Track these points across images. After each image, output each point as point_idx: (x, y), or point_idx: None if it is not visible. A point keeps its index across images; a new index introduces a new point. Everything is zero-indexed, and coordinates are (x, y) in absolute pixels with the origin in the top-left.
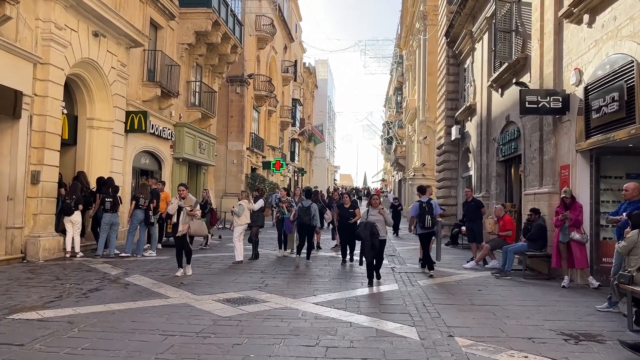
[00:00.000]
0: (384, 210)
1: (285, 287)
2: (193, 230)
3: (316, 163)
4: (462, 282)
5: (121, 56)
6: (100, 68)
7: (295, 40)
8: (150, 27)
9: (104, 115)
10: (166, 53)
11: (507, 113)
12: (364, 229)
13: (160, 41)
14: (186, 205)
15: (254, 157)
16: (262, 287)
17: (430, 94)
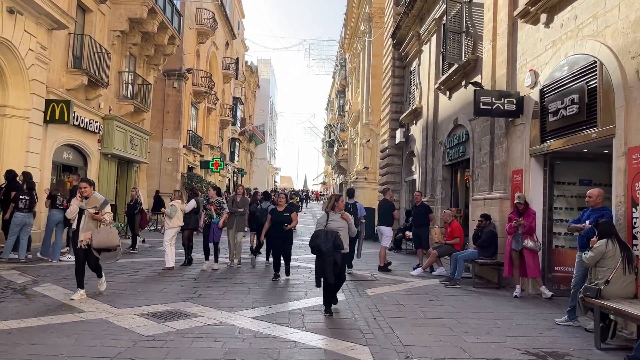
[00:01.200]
0: (347, 215)
1: (220, 297)
2: (97, 241)
3: (257, 164)
4: (412, 291)
5: (41, 38)
6: (15, 49)
7: (238, 38)
8: (77, 9)
9: (19, 103)
10: (95, 39)
11: (456, 116)
12: (325, 239)
13: (89, 26)
14: (89, 206)
15: (191, 156)
16: (194, 298)
17: (374, 97)
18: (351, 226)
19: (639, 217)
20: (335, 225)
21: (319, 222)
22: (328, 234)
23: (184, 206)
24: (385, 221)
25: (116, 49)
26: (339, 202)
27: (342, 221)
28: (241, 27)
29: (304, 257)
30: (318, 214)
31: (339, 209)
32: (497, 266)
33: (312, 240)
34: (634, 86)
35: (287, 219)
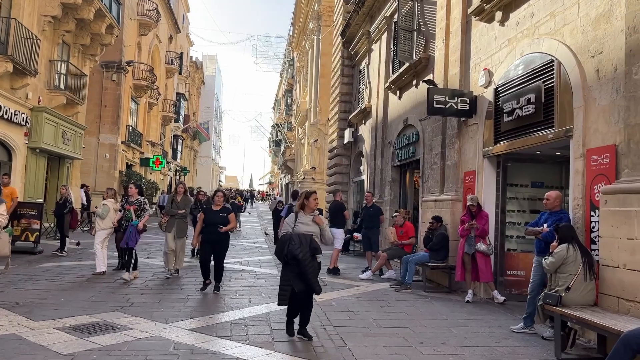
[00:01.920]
0: (321, 218)
1: (156, 306)
2: None
3: (201, 163)
4: (362, 296)
5: None
6: None
7: (182, 32)
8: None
9: None
10: (23, 23)
11: (406, 116)
12: (300, 244)
13: (16, 9)
14: None
15: (130, 153)
16: (126, 307)
17: (323, 97)
18: (325, 232)
19: (598, 221)
20: (305, 229)
21: (287, 223)
22: (304, 238)
23: (118, 205)
24: (336, 222)
25: (47, 35)
26: (310, 199)
27: (314, 226)
28: (186, 21)
29: (249, 259)
30: (264, 215)
31: (310, 209)
32: (449, 270)
33: (282, 245)
34: (593, 85)
35: (222, 220)
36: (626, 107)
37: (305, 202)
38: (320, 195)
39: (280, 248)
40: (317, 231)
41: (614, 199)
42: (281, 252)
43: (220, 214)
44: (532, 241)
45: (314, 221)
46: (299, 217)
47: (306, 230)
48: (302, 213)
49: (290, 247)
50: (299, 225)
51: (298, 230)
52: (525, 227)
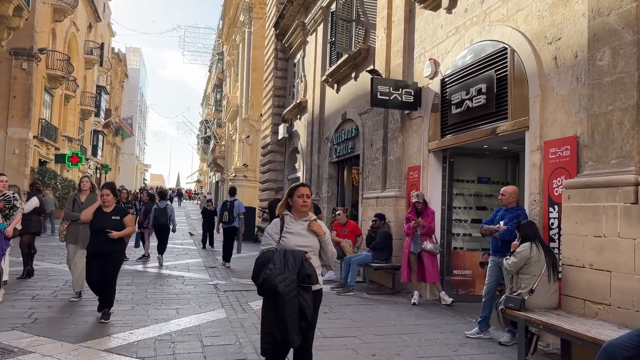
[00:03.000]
0: (320, 225)
1: (65, 322)
2: None
3: (123, 160)
4: None
5: None
6: None
7: (103, 21)
8: None
9: None
10: None
11: (344, 110)
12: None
13: None
14: None
15: (43, 148)
16: (27, 324)
17: (255, 91)
18: (327, 247)
19: (557, 217)
20: (295, 243)
21: (269, 234)
22: (288, 256)
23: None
24: None
25: None
26: (295, 197)
27: (310, 237)
28: (107, 9)
29: (176, 263)
30: (192, 214)
31: (301, 212)
32: (393, 270)
33: (259, 269)
34: (551, 74)
35: (115, 224)
36: (589, 96)
37: (290, 201)
38: (253, 193)
39: (256, 272)
40: (315, 245)
41: (579, 193)
42: (257, 279)
43: (112, 216)
44: (478, 239)
45: (309, 229)
46: (286, 224)
47: (298, 245)
48: (291, 217)
49: (268, 272)
50: (287, 237)
51: (286, 244)
52: (478, 225)
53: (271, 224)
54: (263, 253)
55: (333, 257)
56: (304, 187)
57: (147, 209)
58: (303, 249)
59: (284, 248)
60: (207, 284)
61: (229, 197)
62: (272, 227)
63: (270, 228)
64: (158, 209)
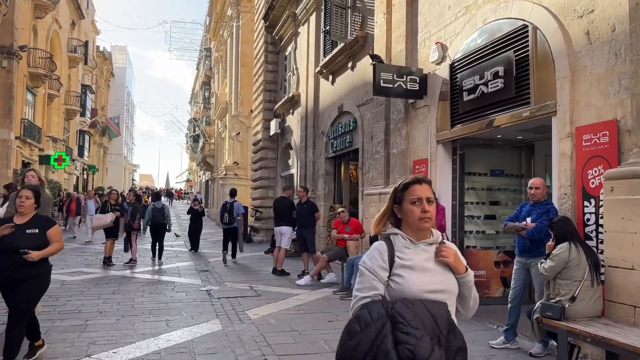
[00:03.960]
0: (455, 251)
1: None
2: None
3: (111, 160)
4: (304, 308)
5: None
6: None
7: (87, 18)
8: None
9: None
10: None
11: (341, 102)
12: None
13: None
14: None
15: (26, 149)
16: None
17: (244, 87)
18: (469, 290)
19: (594, 212)
20: (422, 286)
21: (369, 269)
22: (421, 312)
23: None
24: (284, 220)
25: None
26: (422, 204)
27: (443, 271)
28: (91, 6)
29: (166, 267)
30: (182, 214)
31: (421, 229)
32: None
33: (362, 341)
34: (582, 51)
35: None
36: (633, 73)
37: (397, 210)
38: (245, 191)
39: (355, 346)
40: (452, 288)
41: (624, 185)
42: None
43: (28, 230)
44: (492, 237)
45: (439, 259)
46: (399, 252)
47: (426, 289)
48: (405, 240)
49: (409, 348)
50: (406, 277)
51: (404, 288)
52: (491, 221)
53: (371, 251)
54: (364, 309)
55: (475, 306)
56: (420, 184)
57: (135, 209)
58: (436, 296)
59: (399, 295)
60: (200, 290)
61: (229, 199)
62: (374, 258)
63: (371, 258)
64: (155, 208)
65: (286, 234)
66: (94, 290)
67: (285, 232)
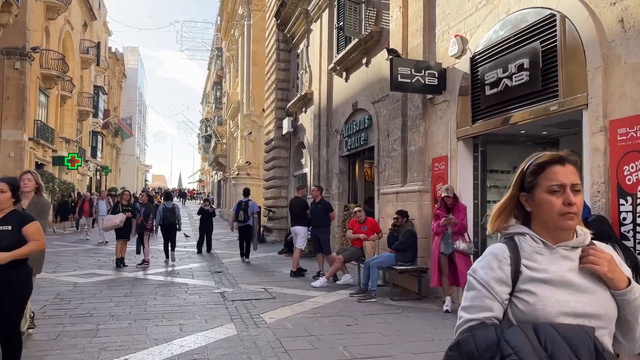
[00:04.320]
0: (612, 257)
1: (50, 345)
2: None
3: (124, 161)
4: (321, 311)
5: None
6: None
7: (99, 19)
8: None
9: None
10: None
11: (355, 99)
12: None
13: None
14: None
15: (40, 151)
16: None
17: (256, 86)
18: (631, 305)
19: (631, 210)
20: (561, 307)
21: (481, 281)
22: (555, 343)
23: None
24: (298, 221)
25: None
26: (564, 192)
27: (595, 287)
28: (102, 8)
29: (179, 268)
30: (195, 214)
31: (563, 228)
32: (419, 273)
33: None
34: (616, 40)
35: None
36: None
37: (527, 201)
38: (257, 191)
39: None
40: (609, 311)
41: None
42: None
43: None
44: None
45: (586, 267)
46: (528, 258)
47: (569, 310)
48: (537, 242)
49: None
50: (539, 293)
51: (537, 312)
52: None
53: (485, 257)
54: (468, 334)
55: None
56: (563, 164)
57: (147, 209)
58: (583, 321)
59: (530, 320)
60: (213, 293)
61: (243, 198)
62: (489, 267)
63: (484, 267)
64: (166, 208)
65: (300, 234)
66: (106, 292)
67: (299, 232)
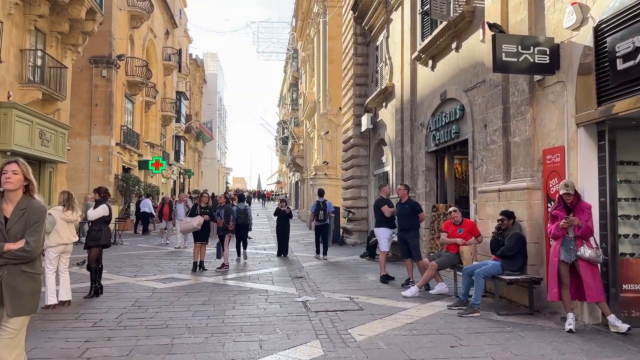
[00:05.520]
0: None
1: None
2: None
3: (206, 164)
4: (417, 327)
5: None
6: None
7: (180, 27)
8: None
9: None
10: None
11: (443, 89)
12: None
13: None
14: None
15: (126, 155)
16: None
17: (332, 84)
18: None
19: None
20: None
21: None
22: None
23: (72, 215)
24: (382, 222)
25: (15, 20)
26: None
27: None
28: (183, 16)
29: (258, 272)
30: (271, 211)
31: None
32: (531, 284)
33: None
34: None
35: None
36: None
37: None
38: (335, 192)
39: None
40: None
41: None
42: None
43: None
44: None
45: None
46: None
47: None
48: None
49: None
50: None
51: None
52: None
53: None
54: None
55: None
56: None
57: (227, 211)
58: None
59: None
60: (295, 302)
61: (320, 198)
62: None
63: None
64: (239, 210)
65: (383, 236)
66: (184, 300)
67: (382, 235)
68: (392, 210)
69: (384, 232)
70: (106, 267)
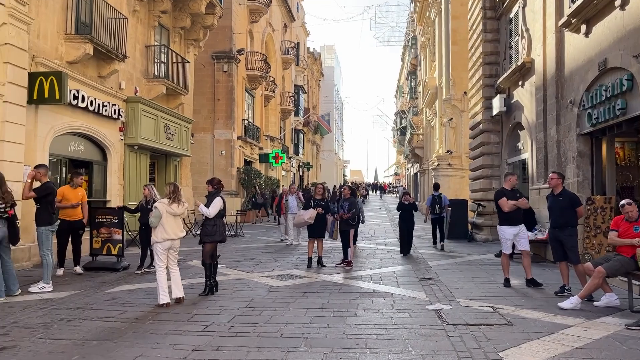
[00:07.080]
0: None
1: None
2: None
3: (323, 157)
4: (592, 355)
5: None
6: None
7: (297, 21)
8: None
9: None
10: (108, 2)
11: (603, 57)
12: None
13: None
14: None
15: (247, 149)
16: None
17: (456, 67)
18: None
19: None
20: None
21: None
22: None
23: (178, 208)
24: (504, 219)
25: (140, 17)
26: None
27: None
28: (300, 10)
29: (381, 271)
30: (392, 207)
31: None
32: None
33: None
34: None
35: None
36: None
37: None
38: (460, 183)
39: None
40: None
41: None
42: None
43: None
44: None
45: None
46: None
47: None
48: None
49: None
50: None
51: None
52: None
53: None
54: None
55: None
56: None
57: (352, 204)
58: None
59: None
60: (426, 310)
61: (435, 192)
62: None
63: None
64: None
65: (506, 236)
66: (301, 301)
67: (504, 235)
68: (511, 204)
69: (503, 232)
70: (225, 261)
